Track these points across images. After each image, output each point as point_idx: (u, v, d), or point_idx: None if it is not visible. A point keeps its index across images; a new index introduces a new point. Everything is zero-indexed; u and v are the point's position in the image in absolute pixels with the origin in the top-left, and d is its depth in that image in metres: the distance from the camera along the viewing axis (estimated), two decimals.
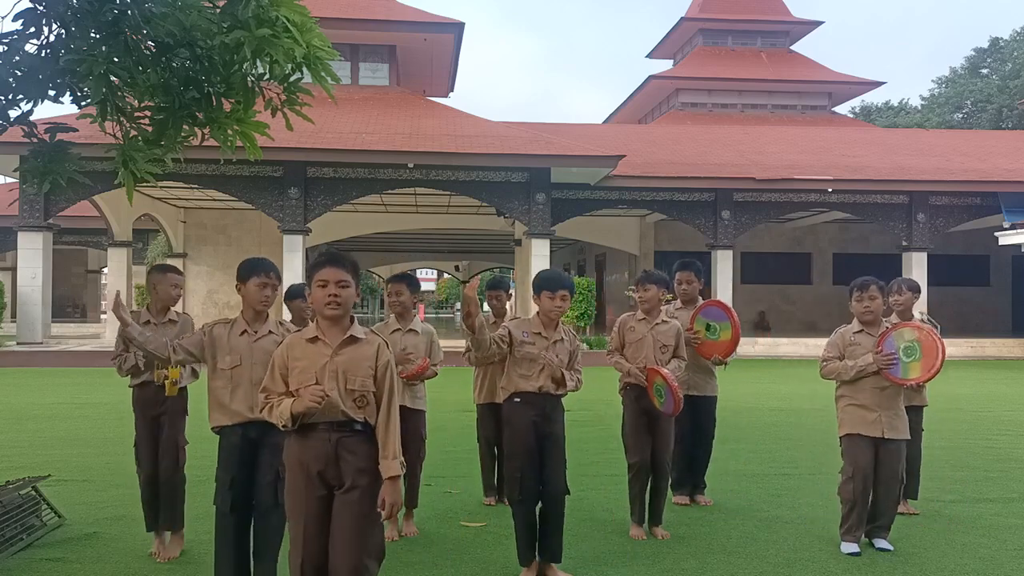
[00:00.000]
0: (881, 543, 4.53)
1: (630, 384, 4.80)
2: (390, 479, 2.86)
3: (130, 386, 4.49)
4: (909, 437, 4.64)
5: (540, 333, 4.06)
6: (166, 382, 4.28)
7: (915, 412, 5.13)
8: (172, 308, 4.54)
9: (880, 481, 4.54)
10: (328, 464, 2.86)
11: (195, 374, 4.54)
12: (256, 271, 3.70)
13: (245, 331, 3.72)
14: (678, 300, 5.62)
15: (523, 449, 3.98)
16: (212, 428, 3.72)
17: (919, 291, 5.39)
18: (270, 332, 3.75)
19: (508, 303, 5.67)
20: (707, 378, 5.49)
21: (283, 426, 2.87)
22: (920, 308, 5.34)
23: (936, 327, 5.19)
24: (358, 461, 2.86)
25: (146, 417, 4.41)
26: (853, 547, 4.45)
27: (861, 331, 4.66)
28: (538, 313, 4.12)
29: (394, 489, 2.86)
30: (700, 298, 5.58)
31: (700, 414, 5.42)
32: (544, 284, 4.05)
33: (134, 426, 4.46)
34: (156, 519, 4.37)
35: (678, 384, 4.57)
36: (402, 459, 2.92)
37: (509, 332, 4.05)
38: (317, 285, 2.91)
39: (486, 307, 5.66)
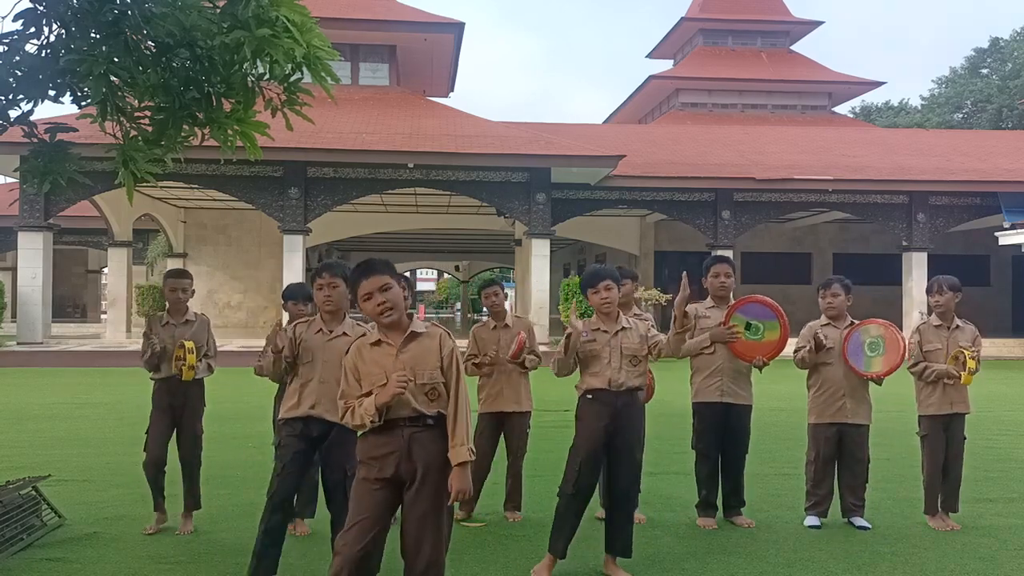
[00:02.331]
0: (859, 521, 4.92)
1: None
2: (459, 465, 2.89)
3: (152, 379, 4.80)
4: (871, 422, 5.04)
5: (600, 328, 4.06)
6: (183, 367, 4.57)
7: (958, 419, 5.04)
8: (189, 309, 4.88)
9: (846, 464, 5.02)
10: (402, 460, 2.90)
11: (210, 369, 4.87)
12: (316, 275, 3.93)
13: (320, 330, 3.91)
14: (709, 298, 5.17)
15: (588, 446, 3.99)
16: (277, 420, 3.97)
17: (960, 290, 5.09)
18: (344, 333, 3.88)
19: (506, 303, 5.49)
20: (742, 384, 5.05)
21: (371, 422, 2.91)
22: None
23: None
24: (429, 456, 2.90)
25: (164, 408, 4.74)
26: (815, 520, 4.93)
27: (828, 324, 5.12)
28: (596, 312, 4.15)
29: (463, 475, 2.89)
30: (731, 296, 5.15)
31: (731, 424, 5.02)
32: (585, 283, 4.11)
33: (149, 415, 4.77)
34: (161, 498, 4.75)
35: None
36: (471, 447, 2.94)
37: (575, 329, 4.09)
38: (363, 299, 2.99)
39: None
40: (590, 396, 4.03)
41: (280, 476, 3.77)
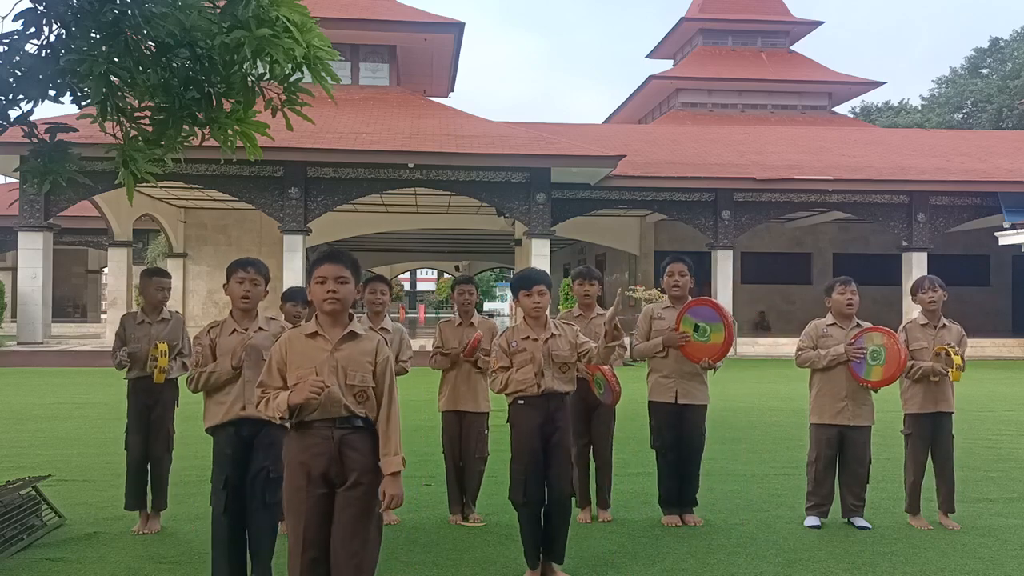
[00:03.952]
0: (860, 522, 4.95)
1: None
2: (392, 475, 2.87)
3: (126, 379, 4.86)
4: (873, 423, 5.05)
5: (529, 337, 4.02)
6: (155, 370, 4.59)
7: (945, 418, 5.06)
8: (164, 307, 4.89)
9: (848, 465, 5.02)
10: (332, 462, 2.86)
11: (185, 367, 4.81)
12: (235, 268, 3.82)
13: (235, 330, 3.81)
14: (665, 298, 5.23)
15: (527, 451, 3.96)
16: (206, 429, 3.80)
17: (945, 287, 5.20)
18: (260, 329, 3.83)
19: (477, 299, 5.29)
20: (696, 384, 5.02)
21: (280, 418, 2.86)
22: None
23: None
24: (361, 458, 2.87)
25: (139, 406, 4.81)
26: (815, 521, 4.95)
27: (833, 324, 5.10)
28: (524, 317, 4.10)
29: (395, 483, 2.88)
30: (689, 296, 5.15)
31: (686, 424, 5.02)
32: (518, 285, 4.06)
33: (126, 414, 4.86)
34: (138, 500, 4.78)
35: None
36: (403, 456, 2.93)
37: (503, 350, 4.03)
38: (316, 282, 2.94)
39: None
40: (521, 402, 4.00)
41: (226, 489, 3.65)
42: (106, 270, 26.48)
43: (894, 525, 4.96)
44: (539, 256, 18.37)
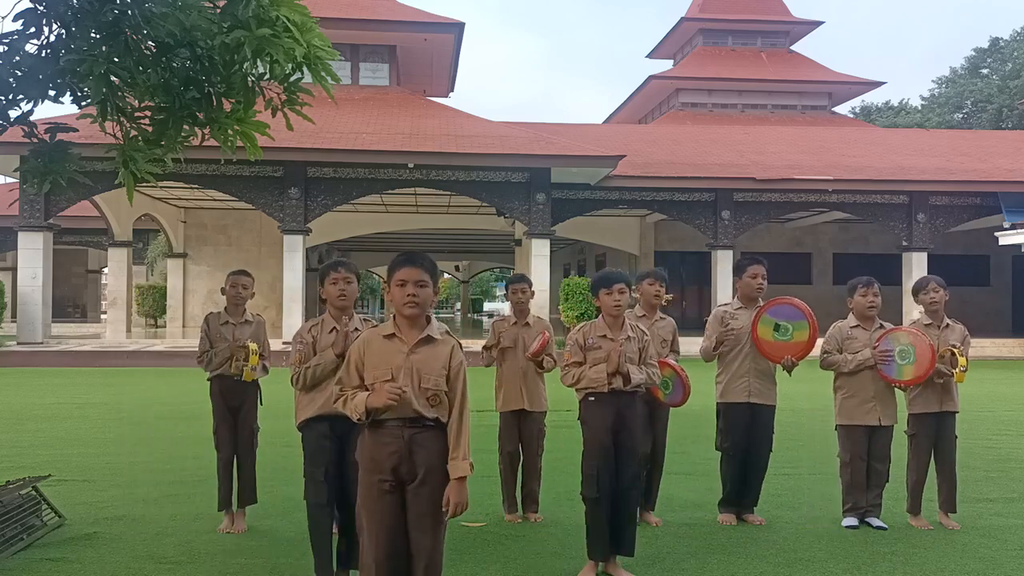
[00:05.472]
0: (876, 522, 4.95)
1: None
2: (458, 479, 2.91)
3: (209, 379, 4.87)
4: (896, 422, 5.04)
5: (606, 336, 4.08)
6: (245, 369, 4.68)
7: (949, 418, 5.07)
8: (247, 310, 4.97)
9: (871, 465, 5.00)
10: (402, 460, 2.91)
11: (266, 370, 4.93)
12: (328, 271, 3.94)
13: (335, 328, 3.92)
14: (735, 299, 5.24)
15: (599, 447, 4.02)
16: (298, 424, 3.89)
17: (946, 287, 5.21)
18: (356, 329, 3.90)
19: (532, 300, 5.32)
20: (768, 384, 5.07)
21: (357, 419, 2.93)
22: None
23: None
24: (430, 457, 2.91)
25: (225, 405, 4.83)
26: (852, 521, 4.92)
27: (857, 326, 5.05)
28: (600, 314, 4.15)
29: (460, 489, 2.91)
30: (760, 300, 5.14)
31: (757, 424, 5.06)
32: (599, 283, 4.13)
33: (212, 414, 4.86)
34: (228, 499, 4.78)
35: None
36: (472, 461, 2.96)
37: (578, 344, 4.08)
38: (396, 284, 2.97)
39: (495, 306, 5.44)
40: (592, 399, 4.06)
41: (324, 481, 3.79)
42: (106, 270, 26.49)
43: (894, 525, 4.96)
44: (539, 256, 18.38)
